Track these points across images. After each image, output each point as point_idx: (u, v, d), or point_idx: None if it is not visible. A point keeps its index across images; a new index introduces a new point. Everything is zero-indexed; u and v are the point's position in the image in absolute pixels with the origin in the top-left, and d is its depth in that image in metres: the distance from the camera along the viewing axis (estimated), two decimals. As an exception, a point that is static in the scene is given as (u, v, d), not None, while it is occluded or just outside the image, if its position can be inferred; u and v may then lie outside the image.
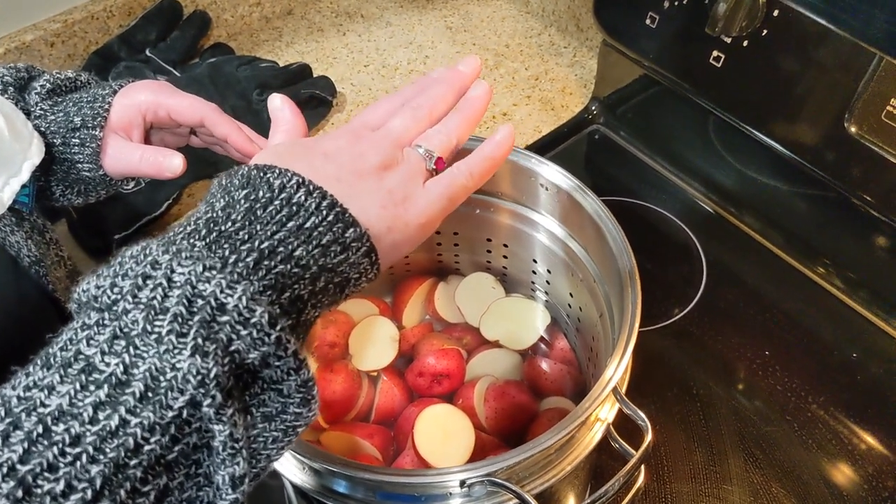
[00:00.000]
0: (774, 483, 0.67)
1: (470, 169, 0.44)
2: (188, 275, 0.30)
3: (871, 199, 0.72)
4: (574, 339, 0.70)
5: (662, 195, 0.92)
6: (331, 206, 0.36)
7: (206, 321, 0.30)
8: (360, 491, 0.48)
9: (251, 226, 0.34)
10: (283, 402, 0.33)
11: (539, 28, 1.14)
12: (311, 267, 0.34)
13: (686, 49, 0.81)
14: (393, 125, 0.43)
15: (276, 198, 0.35)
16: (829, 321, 0.80)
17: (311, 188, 0.35)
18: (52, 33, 0.99)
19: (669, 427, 0.71)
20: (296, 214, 0.35)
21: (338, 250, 0.36)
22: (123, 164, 0.60)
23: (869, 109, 0.67)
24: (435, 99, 0.45)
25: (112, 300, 0.30)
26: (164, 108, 0.61)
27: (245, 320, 0.31)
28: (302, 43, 1.14)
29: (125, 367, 0.29)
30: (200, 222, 0.34)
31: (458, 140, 0.44)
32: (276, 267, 0.33)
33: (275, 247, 0.33)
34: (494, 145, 0.45)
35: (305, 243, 0.34)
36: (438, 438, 0.61)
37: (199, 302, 0.30)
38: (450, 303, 0.74)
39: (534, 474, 0.48)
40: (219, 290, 0.30)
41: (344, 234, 0.36)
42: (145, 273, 0.31)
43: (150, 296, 0.30)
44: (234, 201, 0.35)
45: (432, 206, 0.41)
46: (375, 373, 0.70)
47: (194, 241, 0.33)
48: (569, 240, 0.64)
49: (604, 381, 0.47)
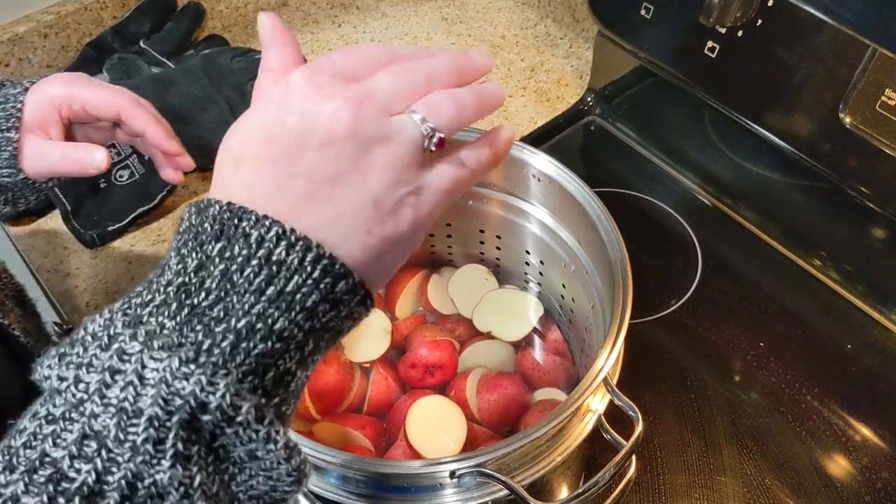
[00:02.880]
0: (768, 474, 0.67)
1: (477, 160, 0.36)
2: (162, 371, 0.27)
3: (866, 190, 0.72)
4: (567, 331, 0.70)
5: (658, 186, 0.92)
6: (316, 260, 0.30)
7: (186, 422, 0.27)
8: (352, 482, 0.48)
9: (227, 298, 0.30)
10: (273, 484, 0.31)
11: (535, 19, 1.14)
12: (297, 336, 0.31)
13: (681, 40, 0.81)
14: (378, 81, 0.34)
15: (253, 256, 0.30)
16: (824, 313, 0.80)
17: (293, 240, 0.30)
18: (45, 25, 0.98)
19: (664, 418, 0.71)
20: (276, 276, 0.30)
21: (326, 308, 0.31)
22: (44, 164, 0.56)
23: (863, 100, 0.67)
24: (435, 66, 0.35)
25: (78, 399, 0.27)
26: (79, 101, 0.57)
27: (229, 419, 0.28)
28: (297, 34, 1.13)
29: (98, 475, 0.26)
30: (171, 290, 0.30)
31: (467, 121, 0.35)
32: (255, 348, 0.29)
33: (253, 324, 0.29)
34: (497, 139, 0.38)
35: (287, 311, 0.30)
36: (430, 430, 0.61)
37: (176, 401, 0.27)
38: (443, 294, 0.74)
39: (524, 465, 0.48)
40: (198, 389, 0.27)
41: (333, 289, 0.31)
42: (113, 367, 0.27)
43: (120, 396, 0.27)
44: (208, 259, 0.30)
45: (431, 208, 0.34)
46: (368, 364, 0.69)
47: (164, 320, 0.29)
48: (561, 230, 0.64)
49: (594, 371, 0.47)
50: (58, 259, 0.84)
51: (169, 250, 0.32)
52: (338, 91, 0.32)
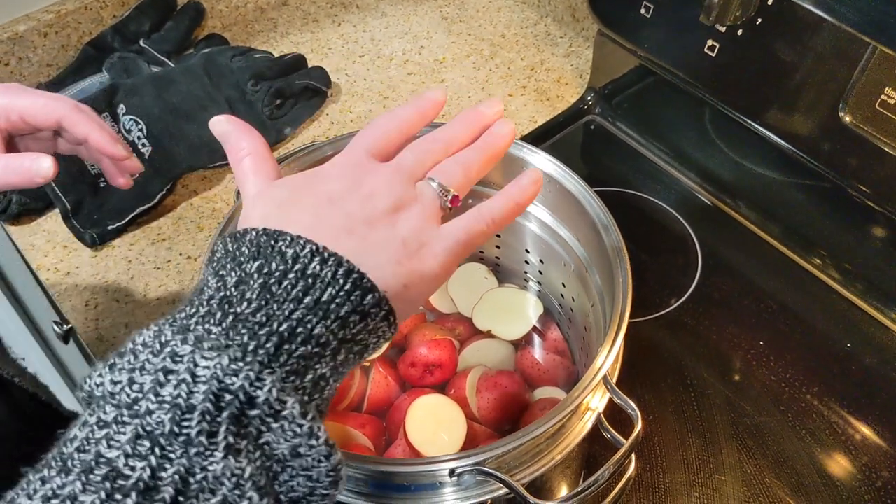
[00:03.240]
0: (768, 473, 0.67)
1: (493, 214, 0.41)
2: (214, 368, 0.29)
3: (866, 189, 0.72)
4: (567, 330, 0.70)
5: (658, 185, 0.92)
6: (347, 274, 0.34)
7: (236, 416, 0.29)
8: (351, 480, 0.48)
9: (268, 306, 0.32)
10: (312, 486, 0.32)
11: (535, 18, 1.14)
12: (332, 343, 0.33)
13: (681, 39, 0.81)
14: (405, 156, 0.41)
15: (290, 270, 0.33)
16: (824, 312, 0.79)
17: (326, 255, 0.34)
18: (46, 24, 0.98)
19: (663, 417, 0.71)
20: (312, 287, 0.33)
21: (356, 319, 0.34)
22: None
23: (863, 99, 0.67)
24: (452, 135, 0.43)
25: (132, 399, 0.29)
26: (16, 111, 0.55)
27: (276, 413, 0.29)
28: (297, 33, 1.13)
29: (152, 471, 0.27)
30: (214, 303, 0.32)
31: (476, 176, 0.42)
32: (296, 350, 0.32)
33: (294, 328, 0.32)
34: (520, 190, 0.42)
35: (324, 319, 0.33)
36: (430, 428, 0.61)
37: (226, 397, 0.29)
38: (442, 293, 0.74)
39: (524, 463, 0.48)
40: (248, 384, 0.29)
41: (363, 301, 0.34)
42: (166, 367, 0.29)
43: (174, 393, 0.28)
44: (246, 276, 0.33)
45: (449, 255, 0.39)
46: (368, 363, 0.69)
47: (210, 327, 0.31)
48: (560, 229, 0.64)
49: (594, 369, 0.47)
50: (57, 258, 0.84)
51: (203, 277, 0.35)
52: (374, 166, 0.40)
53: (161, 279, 0.82)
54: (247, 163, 0.40)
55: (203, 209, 0.89)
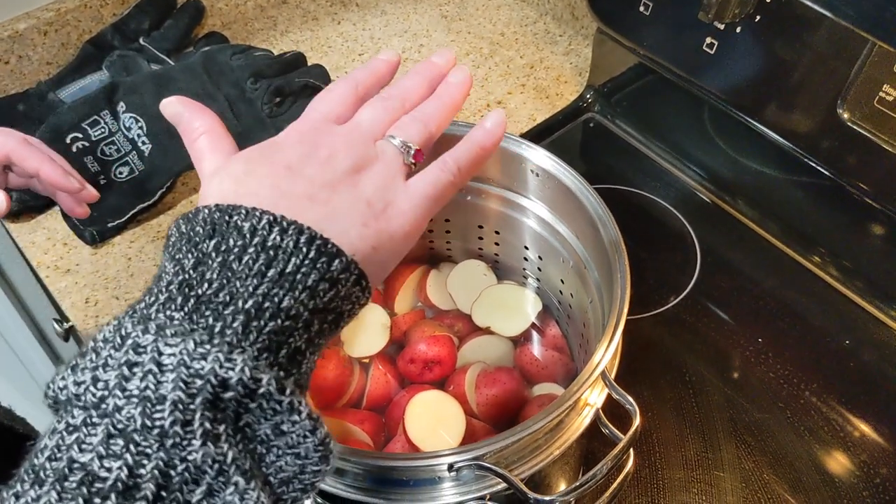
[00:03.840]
0: (766, 470, 0.67)
1: (458, 162, 0.40)
2: (180, 355, 0.28)
3: (865, 186, 0.72)
4: (566, 326, 0.70)
5: (657, 183, 0.92)
6: (310, 241, 0.32)
7: (209, 401, 0.27)
8: (351, 475, 0.48)
9: (230, 284, 0.31)
10: (301, 464, 0.31)
11: (534, 16, 1.14)
12: (303, 314, 0.32)
13: (679, 36, 0.81)
14: (362, 116, 0.40)
15: (249, 245, 0.31)
16: (822, 309, 0.80)
17: (285, 225, 0.32)
18: (45, 22, 0.98)
19: (662, 414, 0.71)
20: (275, 259, 0.31)
21: (326, 287, 0.33)
22: None
23: (861, 95, 0.67)
24: (407, 89, 0.42)
25: (98, 397, 0.27)
26: None
27: (251, 392, 0.28)
28: (296, 31, 1.14)
29: (130, 470, 0.26)
30: (173, 288, 0.31)
31: (437, 128, 0.41)
32: (266, 326, 0.30)
33: (260, 303, 0.30)
34: (484, 133, 0.41)
35: (291, 290, 0.31)
36: (429, 424, 0.61)
37: (197, 382, 0.27)
38: (441, 290, 0.74)
39: (523, 458, 0.48)
40: (217, 366, 0.28)
41: (329, 267, 0.33)
42: (129, 360, 0.28)
43: (140, 386, 0.27)
44: (204, 256, 0.32)
45: (417, 211, 0.38)
46: (367, 359, 0.70)
47: (171, 314, 0.30)
48: (559, 225, 0.64)
49: (592, 364, 0.47)
50: (57, 255, 0.84)
51: (161, 264, 0.34)
52: (331, 129, 0.39)
53: (161, 276, 0.82)
54: (202, 141, 0.39)
55: (203, 207, 0.89)
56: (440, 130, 0.41)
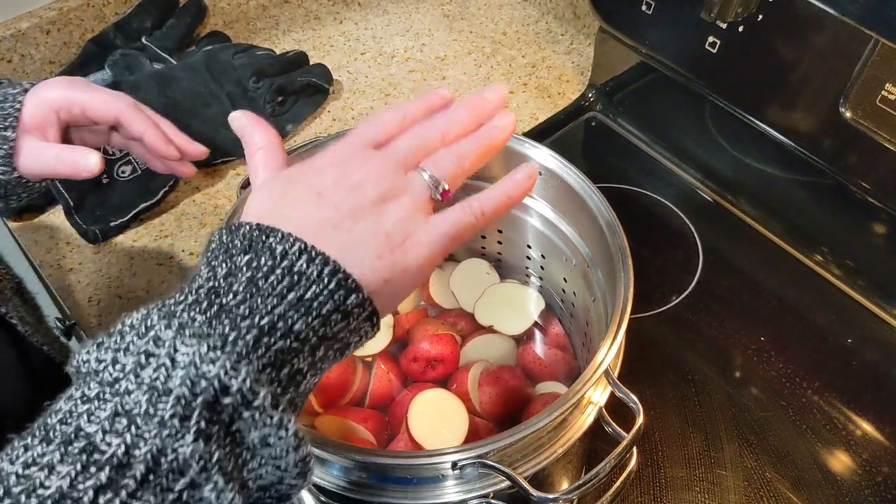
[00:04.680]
0: (769, 468, 0.67)
1: (482, 208, 0.40)
2: (192, 356, 0.30)
3: (867, 185, 0.72)
4: (568, 325, 0.71)
5: (659, 182, 0.92)
6: (332, 273, 0.34)
7: (209, 402, 0.30)
8: (354, 473, 0.48)
9: (252, 299, 0.33)
10: (280, 475, 0.33)
11: (536, 16, 1.14)
12: (311, 339, 0.34)
13: (682, 35, 0.81)
14: (399, 145, 0.41)
15: (277, 266, 0.34)
16: (824, 308, 0.80)
17: (313, 254, 0.34)
18: (48, 21, 0.99)
19: (665, 413, 0.71)
20: (297, 284, 0.34)
21: (338, 318, 0.35)
22: (39, 165, 0.58)
23: (864, 94, 0.67)
24: (450, 121, 0.42)
25: (114, 378, 0.30)
26: (78, 105, 0.58)
27: (247, 402, 0.30)
28: (298, 31, 1.14)
29: (126, 448, 0.28)
30: (202, 292, 0.33)
31: (471, 167, 0.41)
32: (275, 343, 0.32)
33: (274, 322, 0.33)
34: (514, 184, 0.42)
35: (305, 315, 0.33)
36: (432, 423, 0.61)
37: (202, 384, 0.30)
38: (444, 288, 0.74)
39: (526, 456, 0.48)
40: (223, 373, 0.30)
41: (346, 301, 0.35)
42: (148, 350, 0.30)
43: (153, 376, 0.30)
44: (236, 268, 0.34)
45: (434, 248, 0.39)
46: (370, 358, 0.70)
47: (195, 315, 0.32)
48: (562, 224, 0.64)
49: (595, 363, 0.47)
50: (60, 254, 0.84)
51: (198, 265, 0.36)
52: (367, 155, 0.40)
53: (163, 275, 0.82)
54: (259, 156, 0.42)
55: (205, 206, 0.89)
56: (473, 169, 0.42)
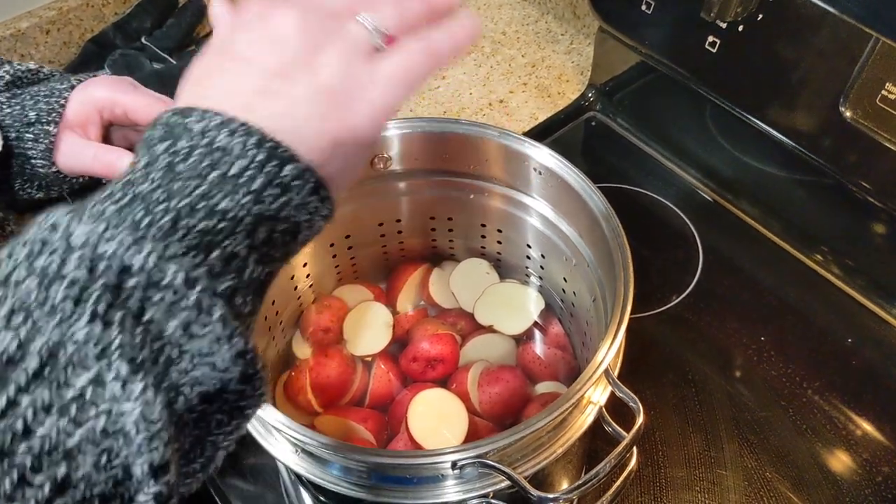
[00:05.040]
0: (769, 468, 0.67)
1: (431, 43, 0.35)
2: (87, 235, 0.27)
3: (867, 185, 0.72)
4: (568, 325, 0.70)
5: (659, 182, 0.92)
6: (259, 144, 0.30)
7: (110, 286, 0.27)
8: (354, 473, 0.48)
9: (170, 184, 0.30)
10: (219, 377, 0.29)
11: (536, 15, 1.14)
12: (244, 218, 0.30)
13: (682, 35, 0.81)
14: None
15: (197, 146, 0.30)
16: (825, 308, 0.80)
17: (234, 126, 0.30)
18: (48, 21, 0.99)
19: (665, 412, 0.71)
20: (219, 162, 0.30)
21: (276, 193, 0.31)
22: (76, 162, 0.58)
23: (864, 94, 0.67)
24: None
25: (9, 270, 0.27)
26: (121, 107, 0.58)
27: (156, 282, 0.27)
28: (298, 31, 1.13)
29: (20, 343, 0.26)
30: (118, 185, 0.30)
31: (414, 21, 0.35)
32: (197, 225, 0.29)
33: (194, 203, 0.29)
34: (459, 26, 0.36)
35: (233, 193, 0.30)
36: (432, 422, 0.61)
37: (100, 265, 0.27)
38: (444, 288, 0.74)
39: (526, 456, 0.48)
40: (122, 249, 0.27)
41: (279, 173, 0.31)
42: (43, 238, 0.27)
43: (46, 261, 0.27)
44: (154, 158, 0.31)
45: (385, 97, 0.33)
46: (370, 358, 0.70)
47: (105, 206, 0.29)
48: (562, 224, 0.64)
49: (595, 362, 0.47)
50: (60, 254, 0.84)
51: None
52: (288, 6, 0.34)
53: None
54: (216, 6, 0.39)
55: (205, 205, 0.89)
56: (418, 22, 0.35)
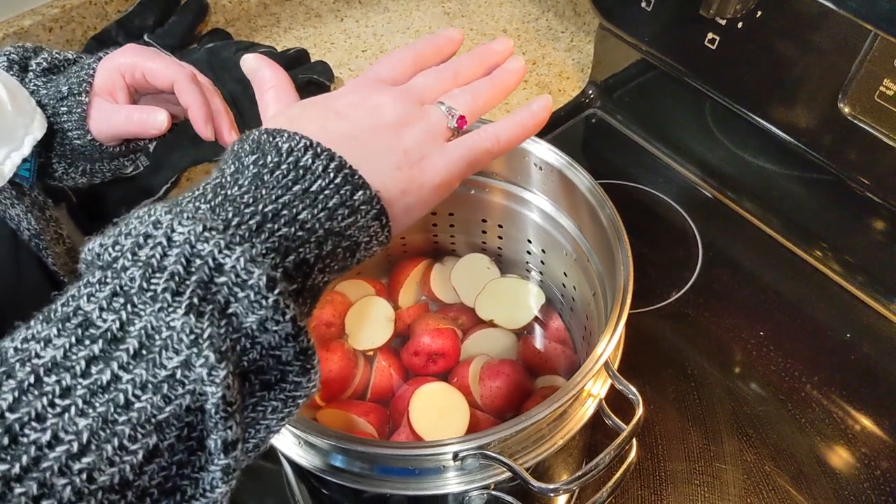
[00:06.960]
0: (768, 462, 0.67)
1: (497, 133, 0.42)
2: (187, 234, 0.30)
3: (866, 181, 0.72)
4: (568, 319, 0.71)
5: (659, 178, 0.92)
6: (338, 169, 0.35)
7: (204, 281, 0.30)
8: (356, 465, 0.49)
9: (257, 190, 0.34)
10: (282, 369, 0.33)
11: (536, 13, 1.14)
12: (317, 230, 0.34)
13: (681, 32, 0.81)
14: (414, 82, 0.43)
15: (283, 162, 0.35)
16: (824, 303, 0.80)
17: (319, 150, 0.35)
18: (51, 18, 0.99)
19: (664, 407, 0.71)
20: (302, 178, 0.34)
21: (345, 213, 0.35)
22: (109, 126, 0.60)
23: (862, 90, 0.67)
24: (462, 65, 0.44)
25: (112, 258, 0.30)
26: (140, 70, 0.60)
27: (242, 282, 0.30)
28: (300, 28, 1.14)
29: (121, 324, 0.29)
30: (208, 187, 0.34)
31: (485, 105, 0.43)
32: (279, 230, 0.33)
33: (279, 210, 0.33)
34: (529, 114, 0.44)
35: (311, 206, 0.34)
36: (433, 416, 0.62)
37: (196, 262, 0.30)
38: (445, 283, 0.75)
39: (526, 448, 0.48)
40: (217, 251, 0.30)
41: (352, 196, 0.35)
42: (147, 232, 0.31)
43: (149, 254, 0.30)
44: (243, 167, 0.35)
45: (451, 168, 0.40)
46: (371, 352, 0.70)
47: (199, 205, 0.33)
48: (562, 218, 0.64)
49: (595, 355, 0.48)
50: (63, 250, 0.85)
51: None
52: (384, 87, 0.41)
53: (166, 271, 0.82)
54: (270, 94, 0.43)
55: (207, 202, 0.89)
56: (487, 108, 0.43)
